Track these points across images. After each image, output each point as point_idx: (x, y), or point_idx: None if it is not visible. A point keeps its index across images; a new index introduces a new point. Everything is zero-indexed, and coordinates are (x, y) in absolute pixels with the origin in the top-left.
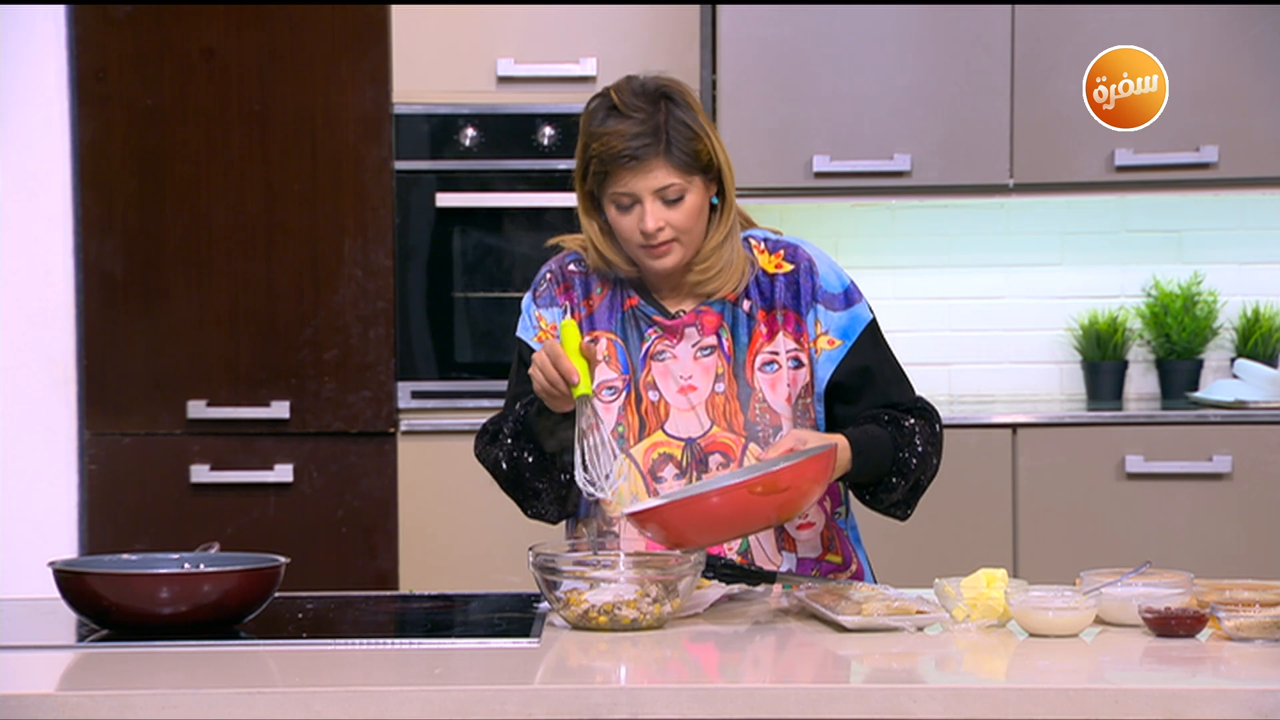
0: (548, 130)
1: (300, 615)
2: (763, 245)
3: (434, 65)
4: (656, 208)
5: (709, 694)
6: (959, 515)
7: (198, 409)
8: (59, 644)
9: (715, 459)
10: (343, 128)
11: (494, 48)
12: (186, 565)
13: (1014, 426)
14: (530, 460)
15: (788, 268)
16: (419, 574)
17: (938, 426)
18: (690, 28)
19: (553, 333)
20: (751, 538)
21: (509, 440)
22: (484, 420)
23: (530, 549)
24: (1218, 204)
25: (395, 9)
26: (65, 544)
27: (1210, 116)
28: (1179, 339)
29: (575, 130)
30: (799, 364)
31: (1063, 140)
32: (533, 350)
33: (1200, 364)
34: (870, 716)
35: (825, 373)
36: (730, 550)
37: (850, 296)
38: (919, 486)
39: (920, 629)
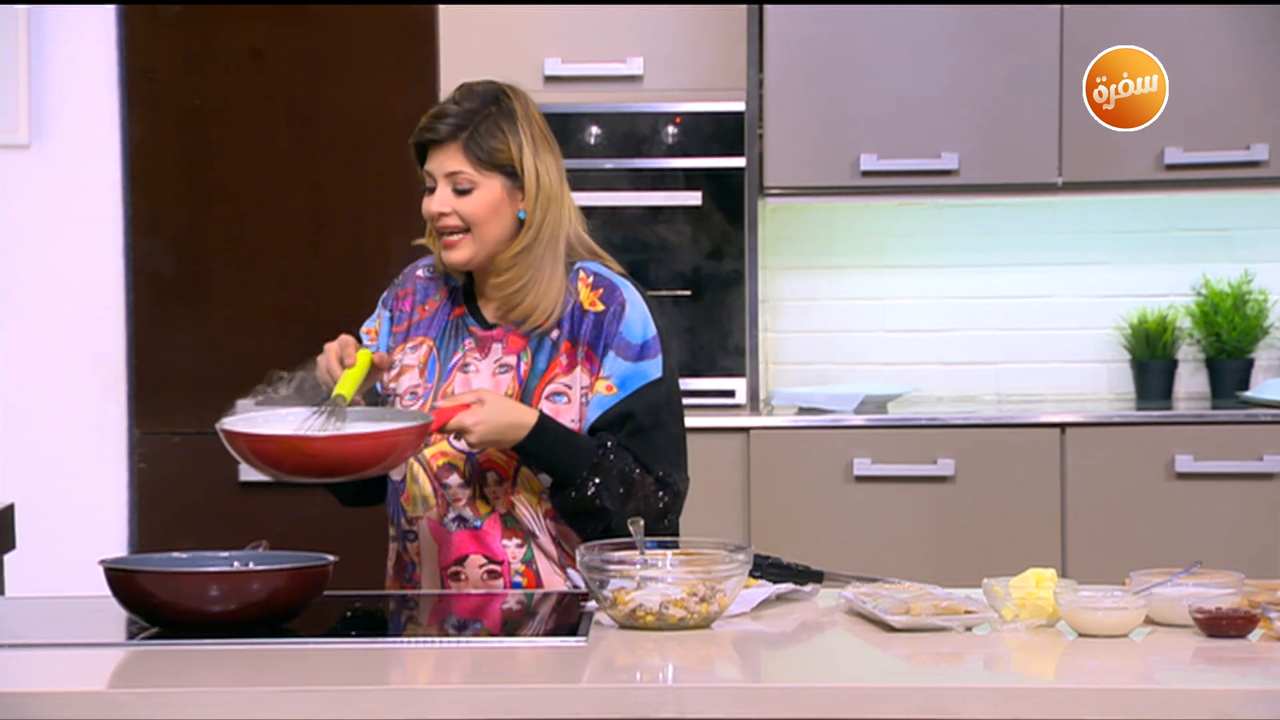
0: (594, 130)
1: (348, 614)
2: (590, 279)
3: (481, 65)
4: (445, 193)
5: (755, 694)
6: (1007, 515)
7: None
8: (109, 642)
9: (491, 476)
10: (389, 128)
11: (541, 47)
12: (236, 564)
13: (1062, 426)
14: None
15: (600, 307)
16: None
17: (655, 500)
18: (737, 27)
19: (376, 334)
20: (536, 551)
21: None
22: None
23: (577, 548)
24: (1268, 202)
25: (443, 9)
26: (115, 542)
27: (1260, 115)
28: (1229, 338)
29: (623, 130)
30: (588, 401)
31: (1112, 138)
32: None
33: (1251, 363)
34: (917, 717)
35: (592, 416)
36: (515, 559)
37: (646, 350)
38: (589, 514)
39: (968, 629)
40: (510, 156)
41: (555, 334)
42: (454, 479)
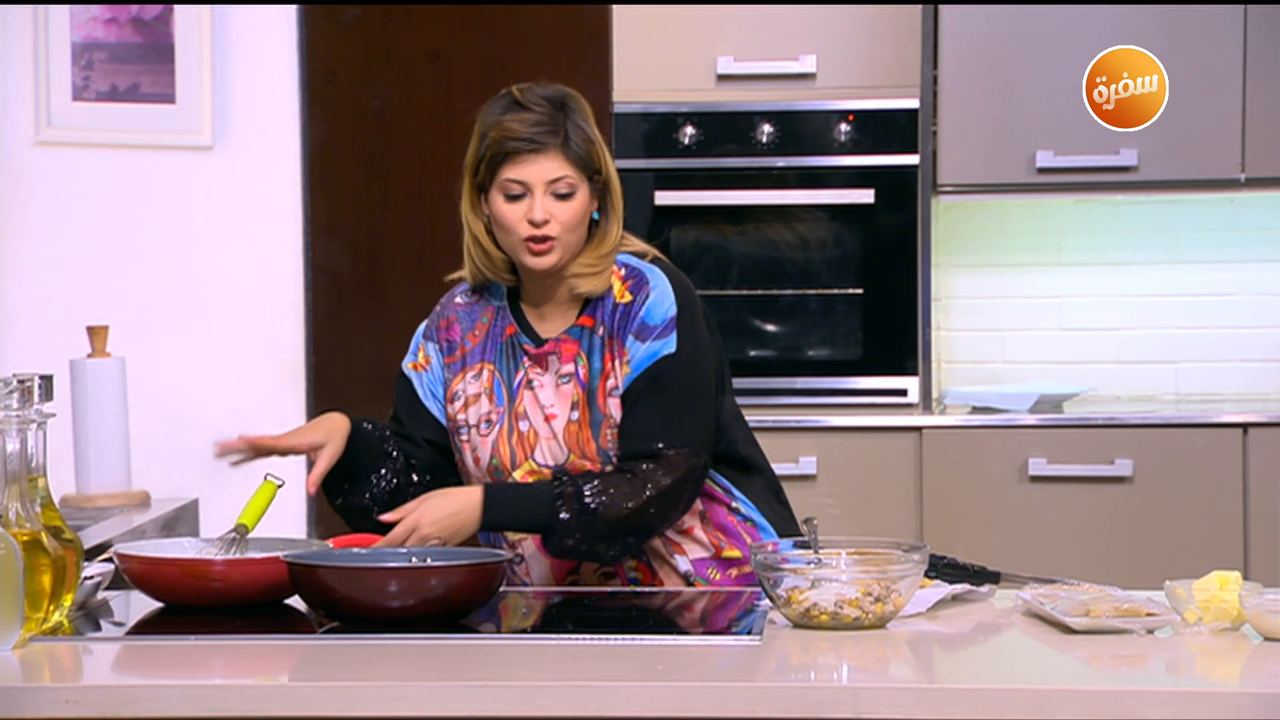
0: (766, 128)
1: (524, 610)
2: (622, 271)
3: (654, 64)
4: (546, 200)
5: (932, 694)
6: (1187, 516)
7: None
8: (289, 635)
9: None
10: None
11: (714, 46)
12: (414, 559)
13: (1244, 426)
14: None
15: (629, 298)
16: None
17: (654, 481)
18: (911, 24)
19: (426, 366)
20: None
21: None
22: None
23: (752, 547)
24: None
25: (617, 9)
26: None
27: None
28: None
29: (795, 128)
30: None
31: None
32: (406, 378)
33: None
34: (1098, 719)
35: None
36: (628, 560)
37: (664, 330)
38: (585, 556)
39: (1150, 631)
40: (598, 158)
41: (601, 330)
42: None
